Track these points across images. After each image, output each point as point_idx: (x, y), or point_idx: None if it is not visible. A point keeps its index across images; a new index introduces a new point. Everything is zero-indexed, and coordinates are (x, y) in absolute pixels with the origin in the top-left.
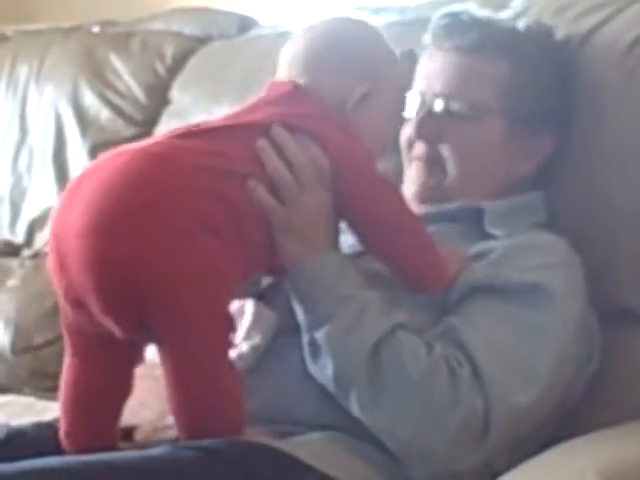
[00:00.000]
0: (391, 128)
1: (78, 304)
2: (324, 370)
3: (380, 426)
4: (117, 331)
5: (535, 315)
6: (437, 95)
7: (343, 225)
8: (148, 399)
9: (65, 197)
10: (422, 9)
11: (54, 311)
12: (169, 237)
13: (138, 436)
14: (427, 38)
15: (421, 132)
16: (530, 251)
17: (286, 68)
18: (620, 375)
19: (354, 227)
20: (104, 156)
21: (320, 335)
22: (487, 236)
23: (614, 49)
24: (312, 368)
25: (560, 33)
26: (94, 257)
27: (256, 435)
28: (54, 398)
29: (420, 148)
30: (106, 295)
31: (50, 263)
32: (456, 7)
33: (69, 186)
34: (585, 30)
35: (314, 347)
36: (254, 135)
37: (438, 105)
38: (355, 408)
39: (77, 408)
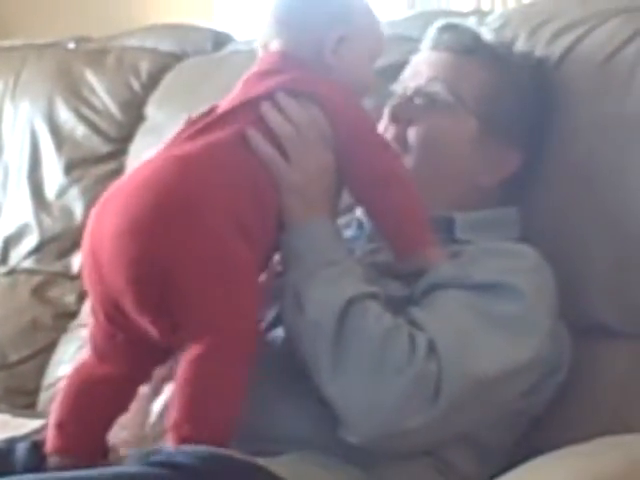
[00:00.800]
0: (371, 69)
1: (114, 307)
2: (299, 322)
3: (337, 383)
4: (154, 331)
5: (498, 306)
6: (418, 87)
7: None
8: (127, 419)
9: (101, 204)
10: (396, 25)
11: (30, 328)
12: (200, 239)
13: (112, 456)
14: (424, 44)
15: (395, 114)
16: (499, 255)
17: (262, 33)
18: (593, 388)
19: (352, 182)
20: (135, 167)
21: (301, 287)
22: (457, 243)
23: (589, 66)
24: (290, 319)
25: (537, 52)
26: (127, 255)
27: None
28: (30, 415)
29: (391, 130)
30: (139, 292)
31: (84, 268)
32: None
33: (104, 194)
34: (562, 48)
35: (296, 299)
36: (259, 107)
37: (418, 89)
38: (318, 363)
39: (77, 402)
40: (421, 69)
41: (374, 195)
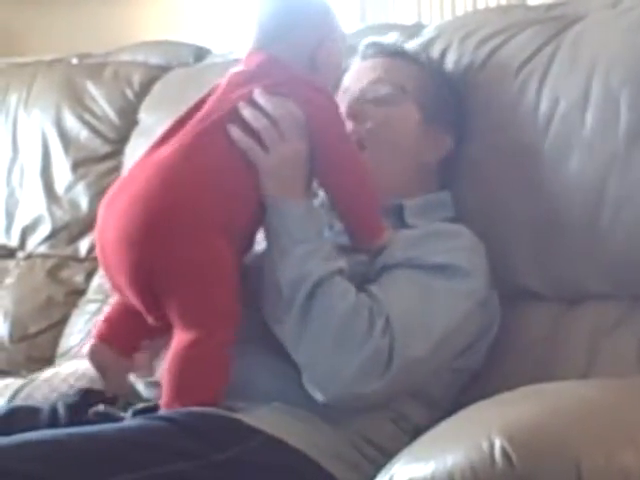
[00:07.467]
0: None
1: (118, 289)
2: (274, 290)
3: (303, 353)
4: (139, 306)
5: (441, 282)
6: (364, 88)
7: None
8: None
9: (104, 205)
10: (349, 38)
11: (45, 304)
12: (186, 246)
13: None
14: (354, 60)
15: (352, 113)
16: (441, 237)
17: (248, 40)
18: (518, 344)
19: (321, 173)
20: (133, 169)
21: (276, 265)
22: (407, 227)
23: (507, 69)
24: (266, 291)
25: (465, 57)
26: (125, 262)
27: None
28: None
29: (349, 126)
30: (136, 291)
31: (98, 254)
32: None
33: (108, 193)
34: (485, 54)
35: (271, 276)
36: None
37: (364, 90)
38: (288, 330)
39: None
40: (360, 75)
41: (332, 181)
